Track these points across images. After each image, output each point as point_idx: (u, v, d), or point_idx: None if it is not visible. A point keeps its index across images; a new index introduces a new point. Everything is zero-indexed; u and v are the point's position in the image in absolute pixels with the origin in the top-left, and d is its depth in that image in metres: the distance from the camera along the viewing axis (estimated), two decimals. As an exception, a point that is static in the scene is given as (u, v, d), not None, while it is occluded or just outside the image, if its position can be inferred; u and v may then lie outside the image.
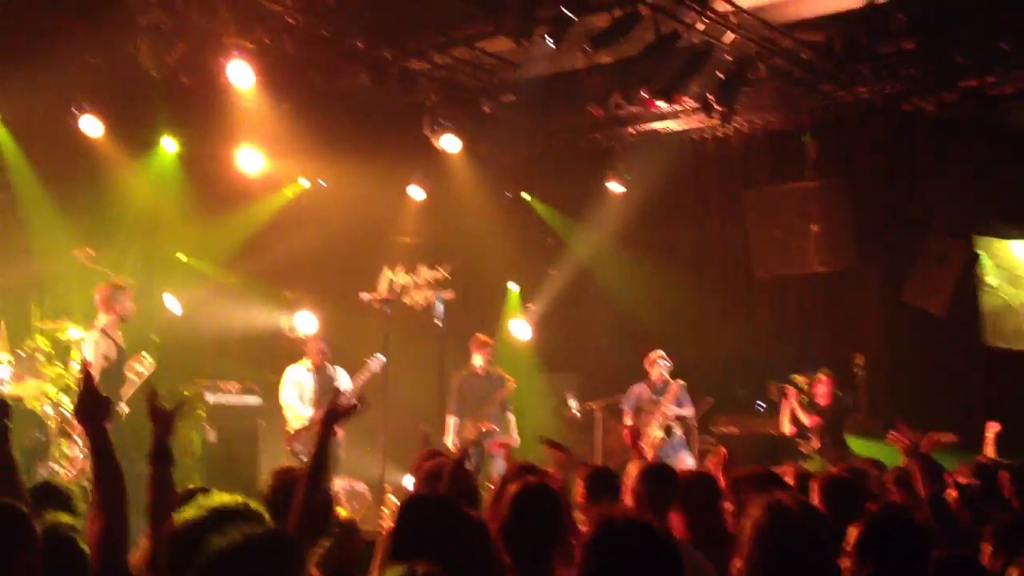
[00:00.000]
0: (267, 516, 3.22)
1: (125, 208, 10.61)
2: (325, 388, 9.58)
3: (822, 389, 10.11)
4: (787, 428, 10.26)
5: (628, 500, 4.79)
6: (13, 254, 9.87)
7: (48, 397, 9.02)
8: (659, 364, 10.34)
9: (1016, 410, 8.91)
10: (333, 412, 3.64)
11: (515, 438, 10.19)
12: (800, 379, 10.51)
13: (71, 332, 9.25)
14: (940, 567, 3.35)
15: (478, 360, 10.28)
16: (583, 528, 3.51)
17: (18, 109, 9.46)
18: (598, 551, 2.58)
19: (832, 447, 9.99)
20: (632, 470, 5.02)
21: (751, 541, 2.88)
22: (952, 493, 5.09)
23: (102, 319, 7.77)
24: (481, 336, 10.49)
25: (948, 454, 6.74)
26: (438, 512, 3.33)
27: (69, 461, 9.04)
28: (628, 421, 10.26)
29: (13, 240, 9.97)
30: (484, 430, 10.02)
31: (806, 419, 10.05)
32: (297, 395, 9.72)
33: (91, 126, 9.68)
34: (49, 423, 8.96)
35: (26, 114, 9.50)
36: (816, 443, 10.08)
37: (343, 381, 9.69)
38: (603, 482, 5.02)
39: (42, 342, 9.25)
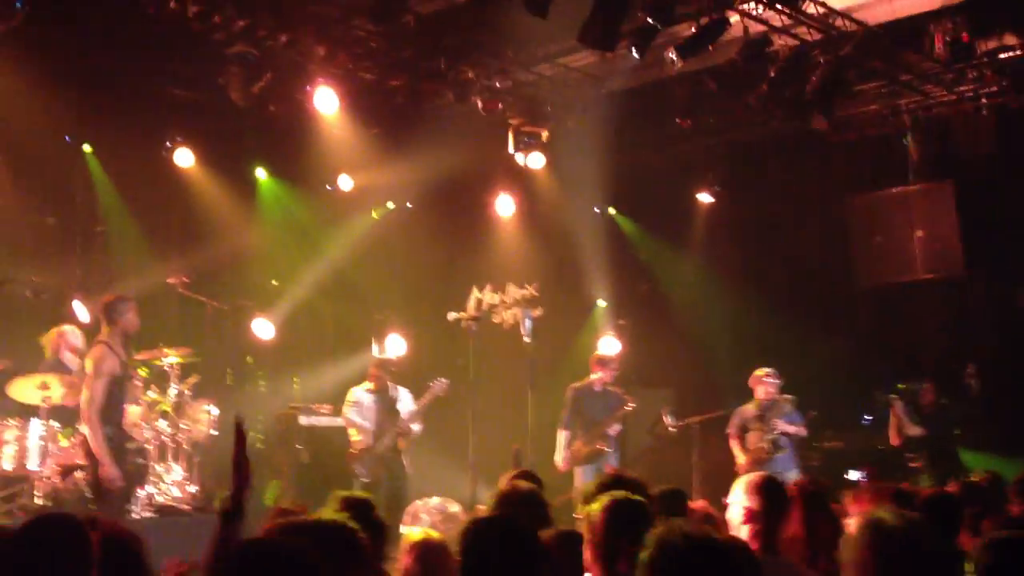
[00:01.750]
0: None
1: (216, 235, 10.78)
2: (386, 409, 9.52)
3: (927, 399, 9.74)
4: (895, 439, 9.91)
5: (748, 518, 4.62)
6: (108, 283, 10.13)
7: (146, 423, 9.20)
8: (765, 382, 10.01)
9: None
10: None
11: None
12: (905, 389, 10.19)
13: (167, 359, 9.43)
14: None
15: (597, 376, 10.09)
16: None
17: (112, 144, 9.73)
18: (656, 569, 2.55)
19: (940, 458, 9.69)
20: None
21: (852, 561, 2.83)
22: None
23: (104, 332, 7.71)
24: (603, 354, 10.31)
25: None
26: (498, 534, 3.24)
27: (167, 485, 9.24)
28: (733, 443, 10.00)
29: (109, 270, 10.23)
30: (597, 447, 9.84)
31: (911, 430, 9.70)
32: (356, 413, 9.65)
33: (183, 157, 9.90)
34: (148, 448, 9.14)
35: (119, 149, 9.76)
36: (924, 454, 9.75)
37: (405, 402, 9.62)
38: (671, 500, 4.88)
39: (140, 369, 9.45)
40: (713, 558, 2.56)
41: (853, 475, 10.29)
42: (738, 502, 4.50)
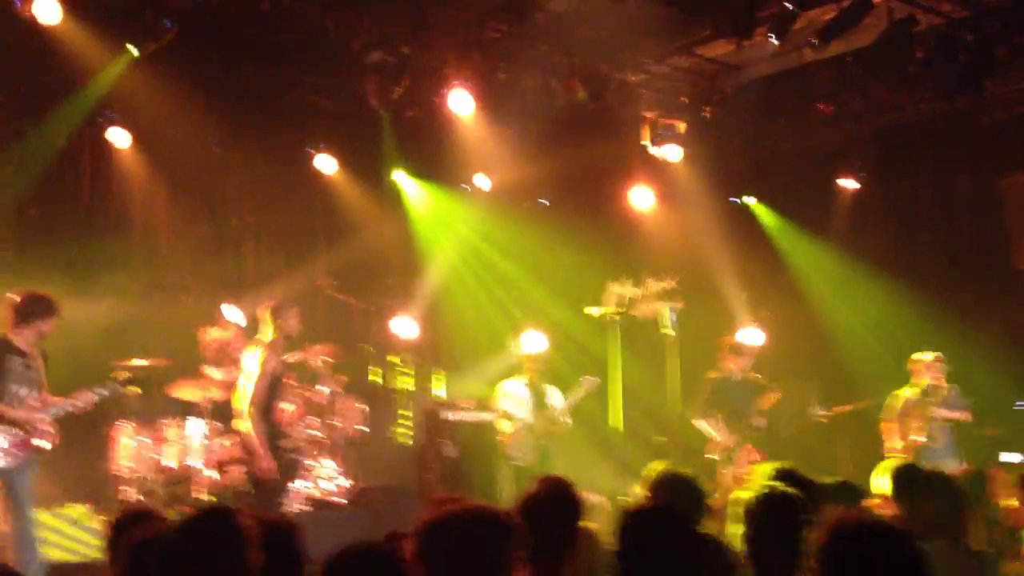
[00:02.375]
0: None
1: (360, 238, 11.05)
2: (539, 402, 9.69)
3: None
4: None
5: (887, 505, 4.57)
6: (258, 287, 10.54)
7: (301, 421, 9.54)
8: (934, 368, 9.67)
9: None
10: None
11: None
12: None
13: (319, 358, 9.75)
14: None
15: (734, 365, 9.97)
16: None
17: (258, 153, 10.09)
18: (832, 554, 2.54)
19: None
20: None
21: None
22: None
23: (267, 333, 7.99)
24: (735, 340, 10.20)
25: None
26: (657, 525, 3.24)
27: (321, 479, 9.56)
28: (889, 427, 9.70)
29: (260, 274, 10.63)
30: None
31: None
32: (515, 404, 9.77)
33: (326, 164, 10.19)
34: (302, 444, 9.47)
35: (265, 157, 10.12)
36: None
37: (555, 399, 9.75)
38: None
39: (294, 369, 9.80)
40: (888, 542, 2.53)
41: (1006, 456, 9.89)
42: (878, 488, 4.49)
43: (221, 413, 8.92)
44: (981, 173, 10.85)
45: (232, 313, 9.88)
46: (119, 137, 9.55)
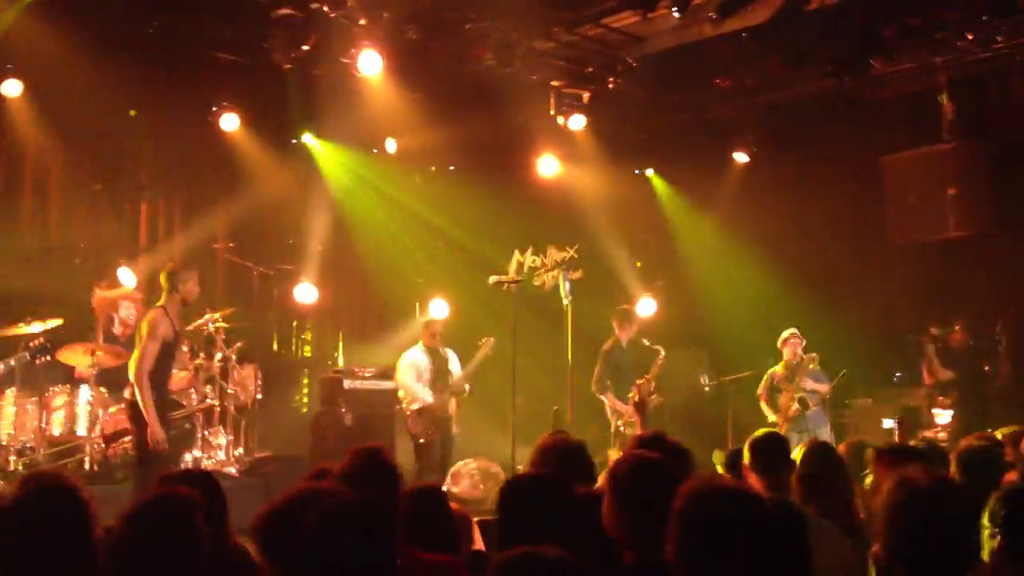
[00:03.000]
0: None
1: (262, 200, 10.83)
2: (440, 370, 9.70)
3: (957, 341, 9.95)
4: (927, 380, 10.41)
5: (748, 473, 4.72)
6: (151, 252, 10.22)
7: (192, 387, 9.31)
8: (791, 343, 10.20)
9: None
10: None
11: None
12: (936, 331, 10.40)
13: (213, 324, 9.52)
14: None
15: (622, 333, 10.24)
16: None
17: (158, 110, 9.76)
18: (688, 517, 2.55)
19: (969, 401, 10.09)
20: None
21: (885, 523, 2.82)
22: None
23: (164, 298, 7.82)
24: (625, 308, 10.44)
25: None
26: (537, 492, 3.27)
27: (213, 448, 9.36)
28: (763, 404, 10.15)
29: (155, 235, 10.30)
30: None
31: (942, 374, 9.97)
32: (415, 376, 9.74)
33: (228, 122, 9.95)
34: (195, 413, 9.25)
35: (165, 114, 9.79)
36: (953, 396, 10.16)
37: (454, 363, 9.80)
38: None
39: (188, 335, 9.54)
40: (743, 504, 2.57)
41: (887, 423, 10.45)
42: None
43: (112, 379, 8.64)
44: (865, 151, 11.37)
45: (126, 276, 9.57)
46: (10, 87, 9.07)
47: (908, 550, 2.73)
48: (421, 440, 9.53)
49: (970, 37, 9.88)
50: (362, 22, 8.94)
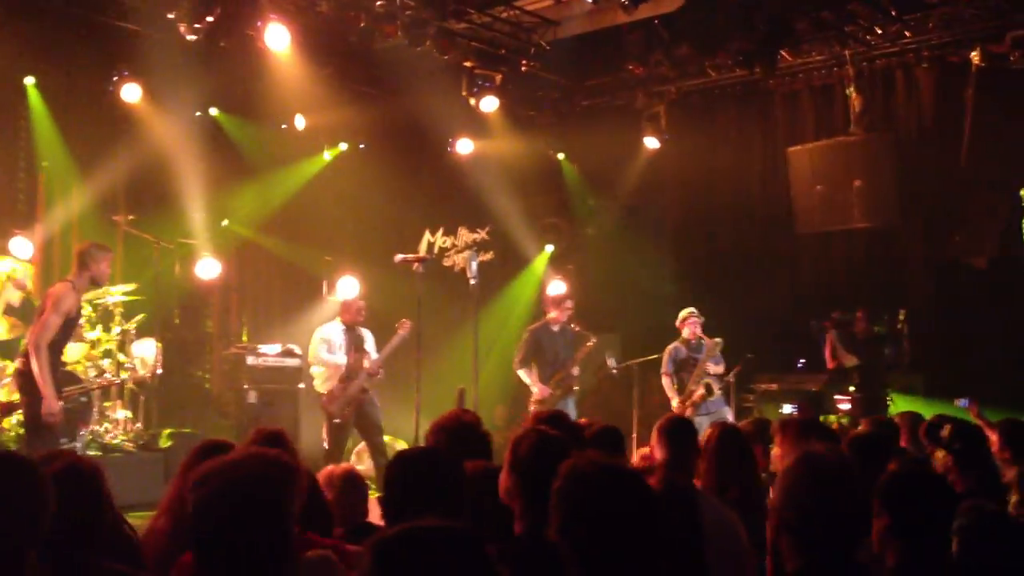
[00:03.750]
0: None
1: (164, 173, 10.60)
2: (355, 344, 9.45)
3: (860, 327, 10.20)
4: (831, 363, 10.62)
5: (656, 454, 4.81)
6: (51, 223, 9.95)
7: (90, 361, 9.13)
8: (690, 322, 10.28)
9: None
10: None
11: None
12: (839, 317, 10.64)
13: (112, 298, 9.33)
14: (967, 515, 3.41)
15: (552, 316, 10.20)
16: None
17: (57, 78, 9.48)
18: (565, 495, 2.59)
19: (871, 386, 10.28)
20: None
21: (782, 494, 2.88)
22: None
23: (73, 273, 7.69)
24: (557, 294, 10.38)
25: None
26: (420, 465, 3.26)
27: (112, 423, 9.21)
28: (666, 381, 10.25)
29: (52, 208, 10.04)
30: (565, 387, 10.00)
31: (845, 359, 10.19)
32: (326, 349, 9.48)
33: (130, 92, 9.71)
34: (91, 385, 9.08)
35: (64, 83, 9.52)
36: (856, 381, 10.34)
37: (370, 344, 9.55)
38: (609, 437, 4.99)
39: (84, 307, 9.33)
40: (618, 482, 2.61)
41: (787, 408, 10.65)
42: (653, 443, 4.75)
43: (6, 350, 8.45)
44: (773, 141, 11.52)
45: (22, 246, 9.32)
46: None
47: (801, 522, 2.79)
48: (336, 420, 9.36)
49: (879, 31, 10.06)
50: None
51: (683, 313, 10.31)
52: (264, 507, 2.51)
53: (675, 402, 10.01)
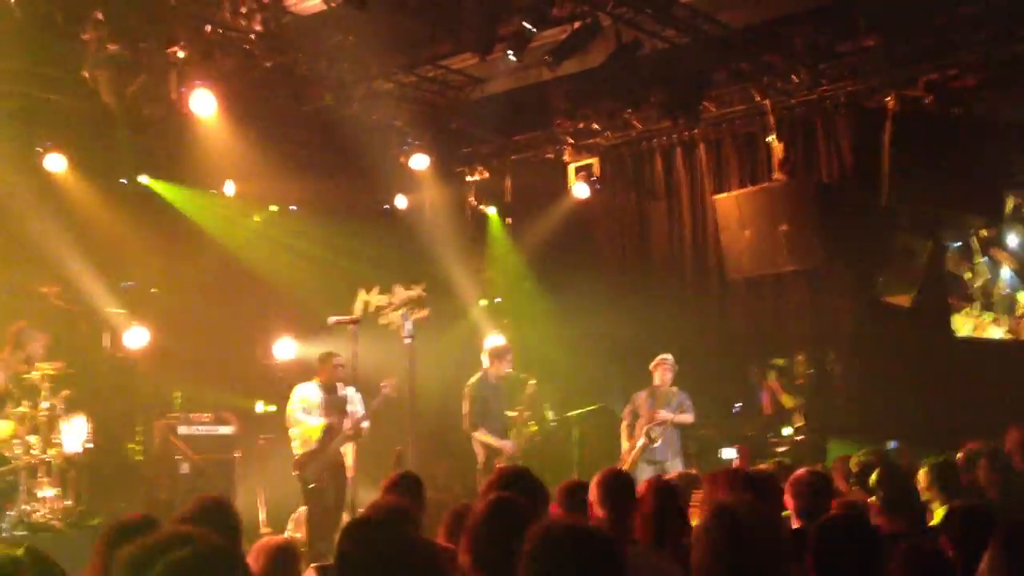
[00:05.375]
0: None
1: (93, 243, 10.43)
2: (334, 405, 9.21)
3: (800, 370, 10.26)
4: (768, 409, 10.53)
5: (596, 510, 4.82)
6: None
7: (17, 438, 8.88)
8: (662, 367, 10.32)
9: (983, 399, 9.12)
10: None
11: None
12: (780, 362, 10.72)
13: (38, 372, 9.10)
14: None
15: (492, 368, 10.13)
16: None
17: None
18: (535, 557, 2.61)
19: (812, 430, 10.37)
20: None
21: (698, 545, 2.95)
22: None
23: (6, 352, 7.55)
24: (496, 345, 10.36)
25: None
26: (374, 535, 3.24)
27: (39, 502, 8.94)
28: (623, 428, 10.24)
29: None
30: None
31: (788, 401, 10.26)
32: (302, 409, 9.24)
33: (55, 162, 9.59)
34: (19, 464, 8.83)
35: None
36: (798, 421, 10.44)
37: (355, 403, 9.28)
38: (573, 494, 5.04)
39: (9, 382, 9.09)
40: (584, 545, 2.65)
41: (727, 453, 10.70)
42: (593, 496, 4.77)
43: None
44: (700, 189, 11.72)
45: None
46: None
47: (712, 569, 2.85)
48: (311, 485, 9.10)
49: (795, 79, 10.34)
50: (193, 61, 8.73)
51: (657, 358, 10.35)
52: None
53: (624, 446, 10.04)
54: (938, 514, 5.44)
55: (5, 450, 8.74)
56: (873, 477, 5.74)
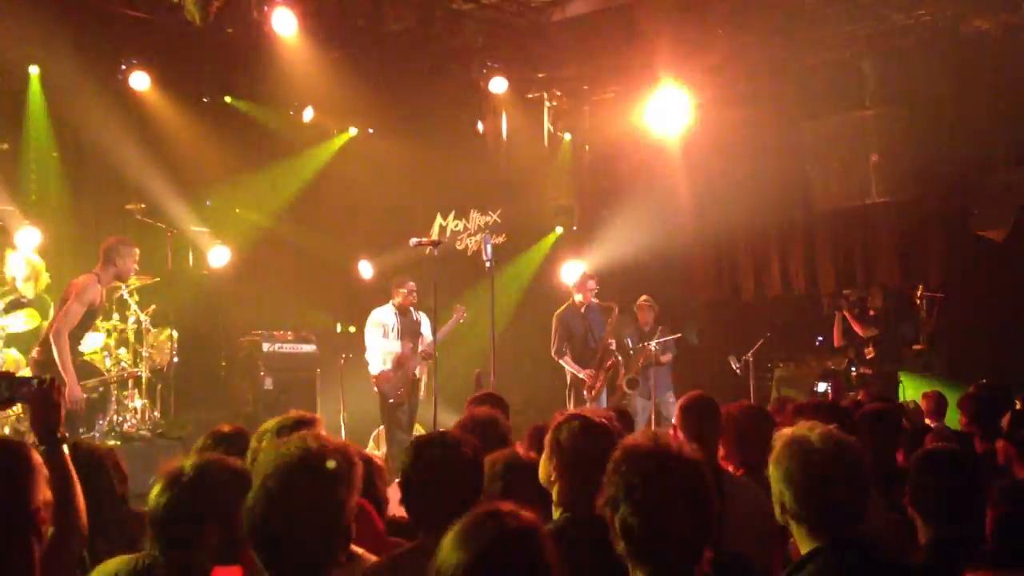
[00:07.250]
0: None
1: (176, 162, 10.56)
2: (409, 328, 9.45)
3: (876, 302, 10.37)
4: (838, 341, 10.56)
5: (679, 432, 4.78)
6: (61, 213, 9.95)
7: (107, 351, 9.13)
8: (643, 309, 10.41)
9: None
10: None
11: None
12: (851, 293, 10.54)
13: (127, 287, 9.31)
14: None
15: (577, 297, 10.07)
16: None
17: (65, 67, 9.44)
18: (618, 469, 2.58)
19: (885, 362, 10.22)
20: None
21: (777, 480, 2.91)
22: None
23: (99, 267, 7.72)
24: (578, 275, 10.27)
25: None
26: (437, 452, 3.29)
27: (130, 412, 9.21)
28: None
29: (63, 198, 10.03)
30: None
31: (860, 330, 10.10)
32: (381, 333, 9.49)
33: (139, 80, 9.68)
34: (110, 376, 9.08)
35: (72, 72, 9.48)
36: (871, 352, 10.30)
37: (425, 327, 9.51)
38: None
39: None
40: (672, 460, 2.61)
41: (821, 386, 10.55)
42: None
43: (21, 340, 8.46)
44: (787, 117, 11.35)
45: (29, 236, 9.30)
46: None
47: (800, 509, 2.83)
48: (391, 400, 9.33)
49: (891, 3, 9.91)
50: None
51: (640, 300, 10.48)
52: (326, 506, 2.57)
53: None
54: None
55: (97, 362, 8.98)
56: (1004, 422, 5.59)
